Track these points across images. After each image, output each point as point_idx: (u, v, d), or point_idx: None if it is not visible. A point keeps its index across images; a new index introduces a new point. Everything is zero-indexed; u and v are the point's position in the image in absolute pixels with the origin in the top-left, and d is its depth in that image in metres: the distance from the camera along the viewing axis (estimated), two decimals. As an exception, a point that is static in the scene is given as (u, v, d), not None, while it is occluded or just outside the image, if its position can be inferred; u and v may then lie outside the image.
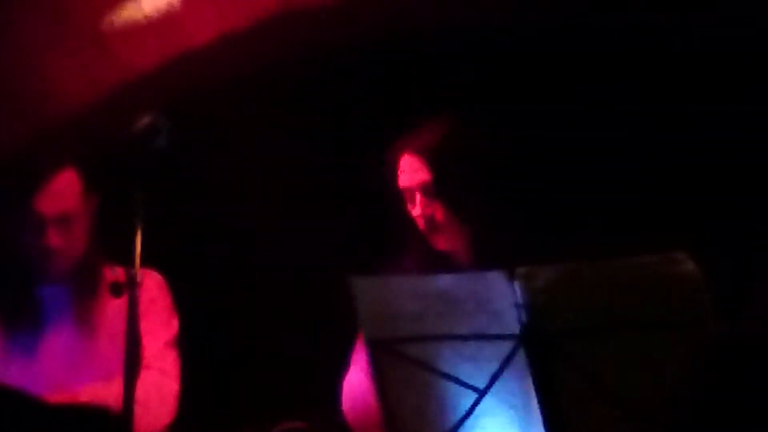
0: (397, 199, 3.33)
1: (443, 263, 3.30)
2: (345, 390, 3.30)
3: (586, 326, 2.53)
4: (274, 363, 3.74)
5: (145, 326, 3.24)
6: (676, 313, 2.50)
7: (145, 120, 2.82)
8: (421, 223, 3.30)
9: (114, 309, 3.29)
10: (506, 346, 2.54)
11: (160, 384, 3.28)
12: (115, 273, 3.32)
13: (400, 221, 3.35)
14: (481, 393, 2.57)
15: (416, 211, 3.28)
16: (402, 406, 2.61)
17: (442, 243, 3.32)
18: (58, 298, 3.35)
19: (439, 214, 3.28)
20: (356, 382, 3.26)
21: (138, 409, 2.69)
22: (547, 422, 2.52)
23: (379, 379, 2.62)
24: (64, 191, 3.29)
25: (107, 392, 3.12)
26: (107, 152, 3.22)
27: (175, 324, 3.41)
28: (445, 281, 2.59)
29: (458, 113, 3.38)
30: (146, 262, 2.76)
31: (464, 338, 2.57)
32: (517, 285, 2.52)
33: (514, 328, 2.53)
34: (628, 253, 2.53)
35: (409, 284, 2.63)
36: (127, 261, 2.74)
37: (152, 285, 3.38)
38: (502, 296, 2.53)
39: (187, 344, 3.41)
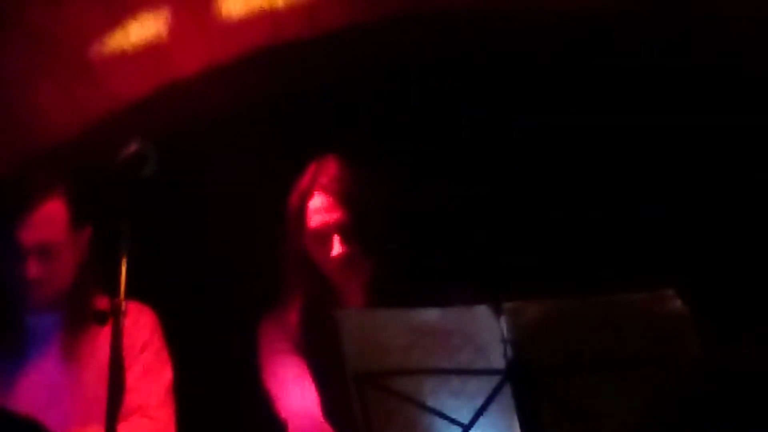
0: (296, 237, 3.26)
1: (335, 301, 3.25)
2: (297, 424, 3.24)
3: (572, 363, 2.53)
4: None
5: (138, 371, 3.22)
6: (663, 350, 2.50)
7: (132, 148, 2.81)
8: (334, 263, 3.24)
9: (103, 341, 3.24)
10: (492, 381, 2.54)
11: None
12: (103, 303, 3.28)
13: (295, 259, 3.28)
14: (466, 428, 2.57)
15: (334, 250, 3.22)
16: (386, 441, 2.60)
17: (344, 280, 3.28)
18: (46, 328, 3.31)
19: (356, 253, 3.23)
20: (309, 418, 3.21)
21: None
22: (531, 458, 2.52)
23: (362, 413, 2.60)
24: (46, 222, 3.26)
25: None
26: (94, 181, 3.21)
27: (169, 369, 3.36)
28: (432, 315, 2.59)
29: (362, 150, 3.35)
30: (135, 293, 2.75)
31: (450, 372, 2.56)
32: (503, 320, 2.52)
33: (500, 364, 2.53)
34: (616, 290, 2.53)
35: (396, 317, 2.62)
36: (115, 291, 2.72)
37: (145, 323, 3.34)
38: (489, 331, 2.53)
39: (179, 379, 3.38)
